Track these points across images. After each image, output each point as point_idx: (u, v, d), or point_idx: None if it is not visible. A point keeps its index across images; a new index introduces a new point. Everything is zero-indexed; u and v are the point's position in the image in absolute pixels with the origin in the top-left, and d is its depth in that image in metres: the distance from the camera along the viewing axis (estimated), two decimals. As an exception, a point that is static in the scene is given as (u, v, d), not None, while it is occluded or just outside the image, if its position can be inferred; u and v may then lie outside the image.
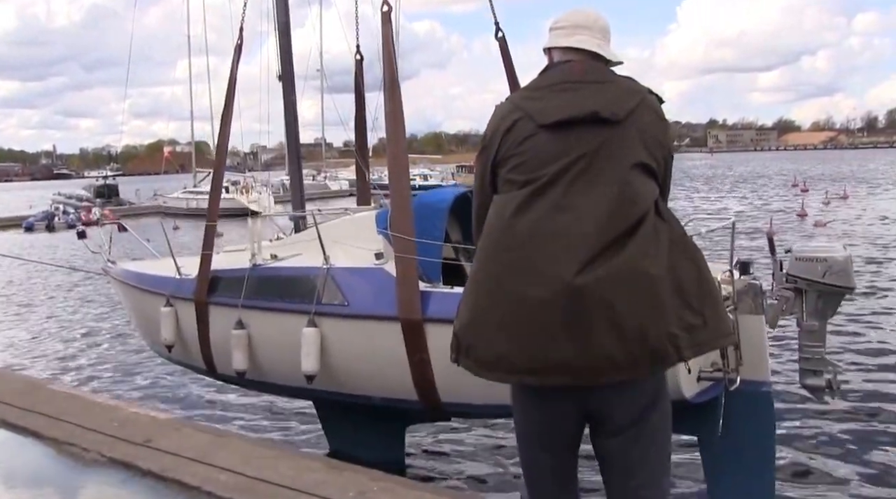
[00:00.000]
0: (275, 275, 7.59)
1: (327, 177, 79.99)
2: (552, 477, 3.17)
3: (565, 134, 2.94)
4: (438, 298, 6.40)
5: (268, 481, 5.33)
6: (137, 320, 9.83)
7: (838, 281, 5.37)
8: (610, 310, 2.75)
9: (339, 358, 6.95)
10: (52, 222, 49.72)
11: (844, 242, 6.00)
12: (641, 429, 2.98)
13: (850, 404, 7.78)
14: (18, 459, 6.17)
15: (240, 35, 8.49)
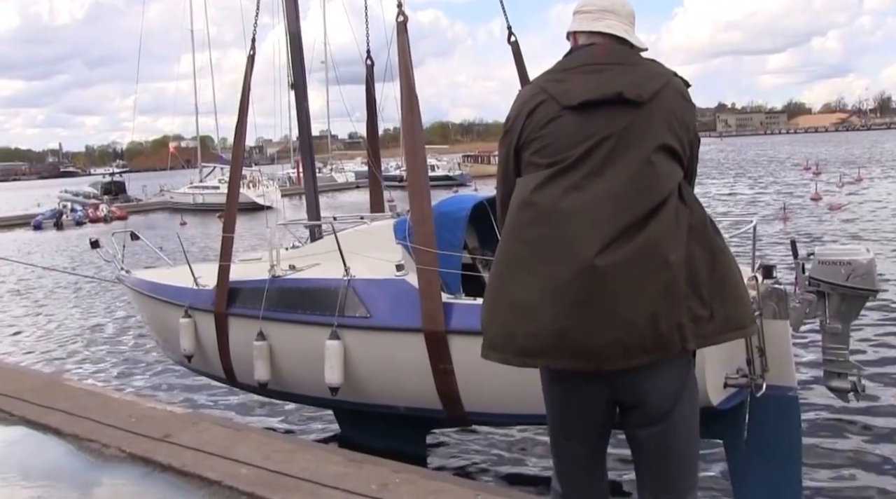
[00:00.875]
0: (295, 287, 7.57)
1: (333, 169, 79.92)
2: (580, 465, 3.15)
3: (590, 116, 2.91)
4: (461, 310, 6.41)
5: (288, 474, 5.34)
6: (155, 330, 9.82)
7: (862, 284, 5.31)
8: (625, 293, 2.74)
9: (362, 369, 6.96)
10: (60, 220, 49.70)
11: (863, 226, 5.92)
12: (676, 415, 2.96)
13: (874, 405, 7.69)
14: (40, 455, 6.19)
15: (252, 45, 8.44)
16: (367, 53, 9.60)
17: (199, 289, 8.40)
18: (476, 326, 6.03)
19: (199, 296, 8.35)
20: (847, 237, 21.71)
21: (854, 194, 34.65)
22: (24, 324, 17.50)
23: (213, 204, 53.59)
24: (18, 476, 5.77)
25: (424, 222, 6.60)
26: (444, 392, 6.47)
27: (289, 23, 9.23)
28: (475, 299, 6.49)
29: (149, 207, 62.41)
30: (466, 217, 7.03)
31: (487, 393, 6.37)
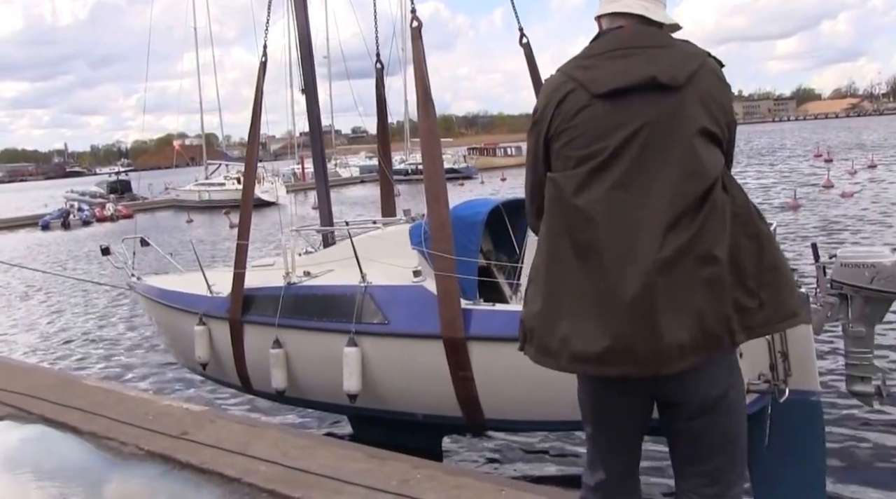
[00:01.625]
0: (311, 294, 7.52)
1: (338, 164, 79.85)
2: (618, 461, 3.10)
3: (622, 103, 2.79)
4: (480, 316, 6.38)
5: (308, 471, 5.32)
6: (168, 337, 9.81)
7: (887, 286, 5.17)
8: (677, 294, 2.65)
9: (380, 376, 6.93)
10: (67, 220, 49.73)
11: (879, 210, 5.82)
12: (722, 407, 2.88)
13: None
14: (58, 453, 6.19)
15: (264, 53, 8.40)
16: (377, 57, 9.58)
17: (213, 296, 8.38)
18: (495, 331, 6.27)
19: (213, 303, 8.33)
20: (863, 224, 21.47)
21: (872, 181, 34.10)
22: (35, 324, 17.50)
23: (220, 201, 53.69)
24: (38, 474, 5.78)
25: (443, 228, 6.55)
26: (464, 399, 6.44)
27: (299, 29, 9.21)
28: (493, 305, 6.52)
29: (155, 205, 62.39)
30: (483, 222, 7.02)
31: (508, 399, 6.35)
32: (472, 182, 59.70)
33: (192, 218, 47.37)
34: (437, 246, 6.50)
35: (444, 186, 6.74)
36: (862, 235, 19.41)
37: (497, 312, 6.40)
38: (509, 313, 6.25)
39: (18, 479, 5.77)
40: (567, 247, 2.83)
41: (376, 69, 9.63)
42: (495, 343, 6.22)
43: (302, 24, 9.17)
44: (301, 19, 9.16)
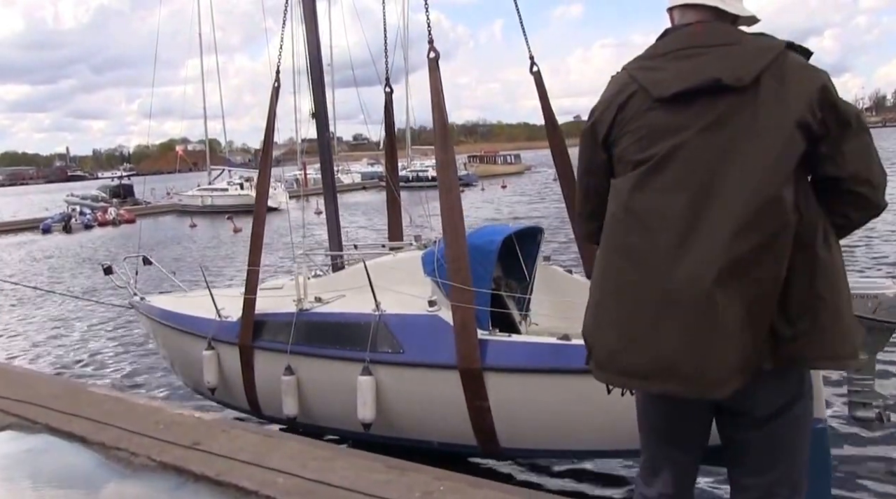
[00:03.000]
0: (324, 321, 7.50)
1: (340, 170, 79.92)
2: (677, 471, 2.94)
3: (685, 107, 2.59)
4: (496, 347, 6.40)
5: (328, 483, 5.13)
6: (175, 360, 9.73)
7: (889, 317, 5.38)
8: (726, 314, 2.48)
9: (395, 405, 6.90)
10: (68, 224, 49.59)
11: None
12: (785, 419, 2.73)
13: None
14: (66, 464, 5.97)
15: (276, 78, 8.37)
16: (387, 81, 9.55)
17: (221, 320, 8.35)
18: (511, 362, 6.30)
19: (222, 327, 8.30)
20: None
21: None
22: (34, 331, 17.30)
23: (222, 206, 53.84)
24: (44, 486, 5.57)
25: (459, 260, 6.58)
26: (480, 429, 6.48)
27: (311, 58, 9.16)
28: (509, 336, 6.58)
29: (157, 209, 62.53)
30: (497, 251, 7.05)
31: (525, 429, 6.41)
32: (472, 189, 59.88)
33: (195, 223, 47.36)
34: (454, 277, 6.54)
35: (462, 219, 6.75)
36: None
37: (513, 344, 6.46)
38: (525, 344, 6.42)
39: (22, 492, 5.56)
40: (618, 255, 2.70)
41: (385, 93, 9.62)
42: (511, 374, 6.33)
43: (313, 51, 9.14)
44: (312, 46, 9.13)
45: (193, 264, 26.75)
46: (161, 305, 9.77)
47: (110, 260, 11.30)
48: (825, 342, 2.58)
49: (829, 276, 2.57)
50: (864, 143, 2.59)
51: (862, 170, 2.58)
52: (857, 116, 2.58)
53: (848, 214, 2.62)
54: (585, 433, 6.20)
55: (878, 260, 16.27)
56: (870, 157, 2.61)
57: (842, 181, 2.57)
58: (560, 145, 8.09)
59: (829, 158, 2.56)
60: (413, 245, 8.64)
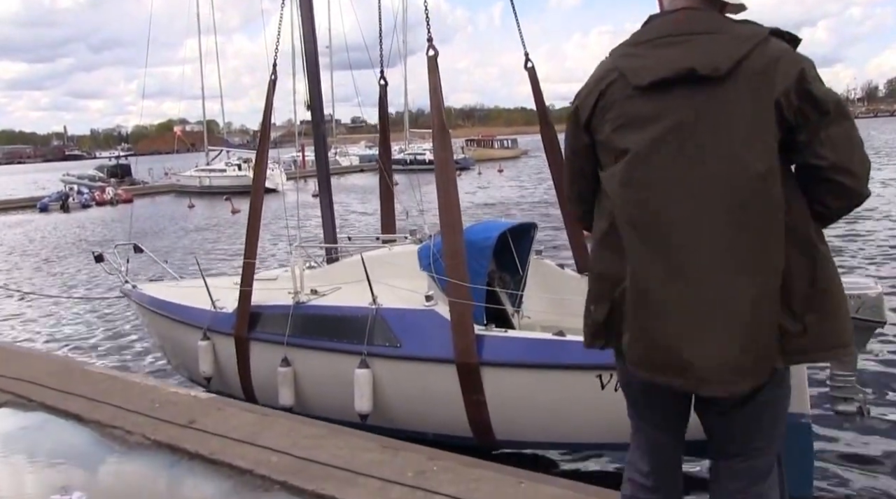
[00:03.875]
0: (321, 313, 7.58)
1: (338, 153, 79.84)
2: (663, 452, 2.97)
3: (661, 97, 2.56)
4: (492, 342, 6.51)
5: (321, 462, 5.16)
6: (169, 349, 9.78)
7: (871, 316, 5.66)
8: (715, 308, 2.48)
9: (392, 398, 6.99)
10: (66, 203, 49.52)
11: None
12: (748, 409, 2.72)
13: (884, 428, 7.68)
14: (62, 442, 6.01)
15: (273, 71, 8.38)
16: (381, 73, 9.57)
17: (217, 311, 8.42)
18: (508, 357, 6.41)
19: (217, 318, 8.36)
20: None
21: None
22: (29, 310, 17.28)
23: (220, 187, 53.79)
24: (39, 463, 5.60)
25: (457, 256, 6.68)
26: (476, 421, 6.59)
27: (307, 52, 9.17)
28: (505, 331, 6.67)
29: (155, 189, 62.48)
30: (492, 247, 7.17)
31: (520, 422, 6.51)
32: (469, 173, 59.85)
33: (193, 203, 47.29)
34: (451, 273, 6.63)
35: (459, 216, 6.85)
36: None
37: (509, 339, 6.58)
38: (521, 340, 6.59)
39: (18, 469, 5.61)
40: (605, 245, 2.73)
41: (380, 86, 9.66)
42: (507, 369, 6.45)
43: (310, 47, 9.16)
44: (309, 42, 9.15)
45: (192, 247, 26.82)
46: (154, 293, 9.81)
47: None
48: (831, 333, 2.58)
49: (827, 268, 2.57)
50: (845, 131, 2.54)
51: (842, 159, 2.52)
52: (837, 104, 2.52)
53: (827, 202, 2.57)
54: (579, 427, 6.30)
55: (866, 260, 16.24)
56: (850, 145, 2.55)
57: (821, 170, 2.53)
58: (552, 140, 8.16)
59: (807, 146, 2.52)
60: (408, 239, 8.71)
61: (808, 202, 2.58)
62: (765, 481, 2.83)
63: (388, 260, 7.84)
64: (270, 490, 4.89)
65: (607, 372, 6.00)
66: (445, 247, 6.78)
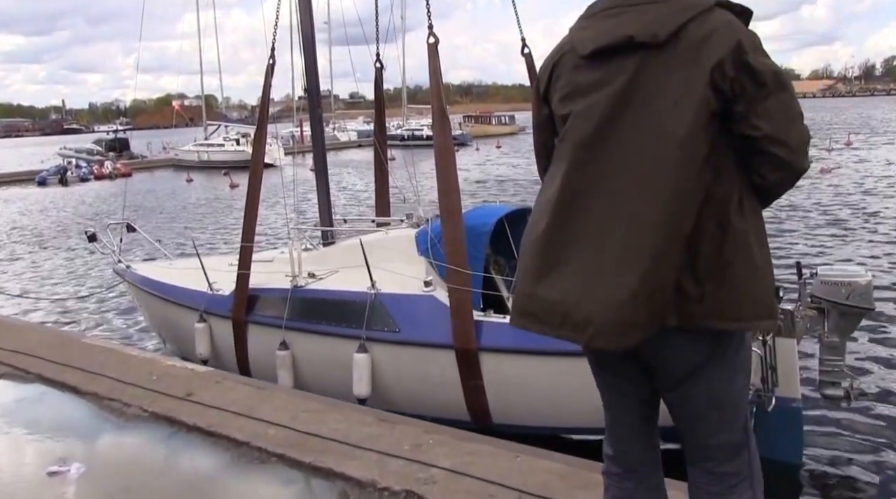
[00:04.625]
0: (320, 297, 7.64)
1: (336, 128, 79.73)
2: (629, 426, 2.94)
3: (602, 65, 2.58)
4: (490, 328, 6.62)
5: (318, 435, 5.18)
6: (165, 330, 9.84)
7: (860, 303, 6.05)
8: (619, 261, 2.47)
9: (390, 382, 7.07)
10: (64, 176, 49.46)
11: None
12: (695, 386, 2.69)
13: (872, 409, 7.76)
14: (60, 414, 6.01)
15: (271, 55, 8.41)
16: (377, 57, 9.63)
17: (213, 293, 8.48)
18: (506, 343, 6.50)
19: (214, 300, 8.43)
20: (838, 197, 22.81)
21: (843, 156, 35.88)
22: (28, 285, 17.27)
23: (218, 161, 53.77)
24: (37, 435, 5.61)
25: (457, 243, 6.77)
26: (474, 406, 6.72)
27: (302, 26, 9.13)
28: (503, 317, 6.74)
29: (154, 163, 62.43)
30: (490, 233, 7.25)
31: (517, 407, 6.62)
32: (467, 149, 59.87)
33: (191, 177, 47.27)
34: (451, 260, 6.73)
35: (459, 203, 6.94)
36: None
37: (507, 325, 6.53)
38: None
39: (16, 441, 5.61)
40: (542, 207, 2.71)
41: (376, 69, 9.73)
42: (506, 354, 6.57)
43: (307, 30, 9.13)
44: (307, 26, 9.12)
45: (191, 221, 26.82)
46: (149, 274, 9.84)
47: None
48: (730, 305, 2.54)
49: (739, 241, 2.53)
50: (782, 103, 2.50)
51: (777, 130, 2.49)
52: (775, 75, 2.49)
53: (763, 173, 2.55)
54: (576, 412, 6.36)
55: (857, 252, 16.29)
56: (787, 117, 2.52)
57: (756, 141, 2.50)
58: None
59: (744, 117, 2.49)
60: (404, 222, 8.75)
61: (748, 175, 2.57)
62: (741, 488, 2.79)
63: (385, 244, 7.87)
64: (268, 463, 4.91)
65: None
66: (445, 234, 6.86)
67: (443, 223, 6.90)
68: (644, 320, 2.48)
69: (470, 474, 4.49)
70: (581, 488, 4.23)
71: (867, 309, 6.27)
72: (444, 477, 4.49)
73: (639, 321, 2.47)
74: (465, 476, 4.47)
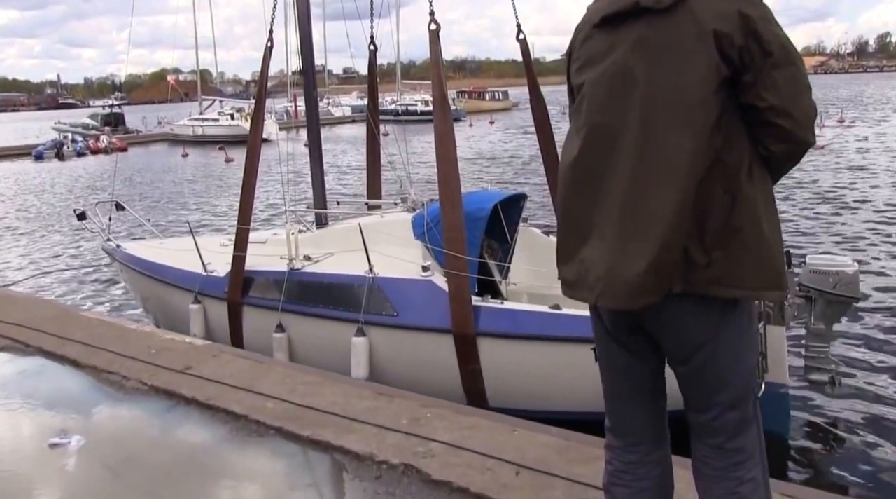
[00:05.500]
0: (317, 280, 7.68)
1: (330, 103, 79.48)
2: (629, 402, 2.92)
3: (611, 33, 2.60)
4: (489, 313, 6.70)
5: (316, 408, 5.21)
6: (157, 311, 9.80)
7: (847, 292, 6.23)
8: (633, 226, 2.50)
9: (388, 365, 7.11)
10: (61, 151, 49.26)
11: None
12: (704, 356, 2.67)
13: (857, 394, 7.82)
14: (58, 387, 6.06)
15: (269, 37, 8.36)
16: (371, 39, 9.61)
17: (208, 275, 8.48)
18: (503, 328, 6.64)
19: (208, 282, 8.43)
20: (829, 173, 23.34)
21: (836, 133, 36.31)
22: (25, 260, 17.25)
23: (213, 136, 53.66)
24: (37, 407, 5.65)
25: (456, 229, 6.82)
26: (471, 390, 6.78)
27: (300, 22, 9.11)
28: (501, 302, 6.94)
29: (149, 138, 62.29)
30: (486, 218, 7.36)
31: (514, 391, 6.68)
32: (461, 124, 59.82)
33: (187, 152, 47.16)
34: (450, 246, 6.78)
35: (459, 190, 6.98)
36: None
37: (505, 311, 6.79)
38: (517, 312, 6.79)
39: (15, 412, 5.65)
40: (563, 175, 2.75)
41: (370, 51, 9.74)
42: (503, 340, 6.66)
43: (303, 13, 9.07)
44: (302, 10, 9.07)
45: (188, 197, 26.78)
46: (140, 253, 9.81)
47: (86, 227, 11.35)
48: (737, 272, 2.53)
49: (750, 208, 2.52)
50: (790, 74, 2.50)
51: (784, 102, 2.49)
52: (783, 47, 2.49)
53: (768, 145, 2.54)
54: (572, 397, 6.42)
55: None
56: (795, 90, 2.52)
57: (762, 111, 2.50)
58: (542, 116, 8.30)
59: (752, 87, 2.49)
60: (398, 205, 8.79)
61: (755, 146, 2.56)
62: (748, 465, 2.77)
63: (381, 228, 7.89)
64: (266, 435, 4.95)
65: None
66: (445, 220, 6.90)
67: (442, 210, 6.94)
68: (651, 285, 2.49)
69: (468, 447, 4.53)
70: (580, 461, 4.26)
71: (853, 298, 6.46)
72: (442, 450, 4.52)
73: (646, 285, 2.49)
74: (463, 450, 4.50)
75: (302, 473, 4.58)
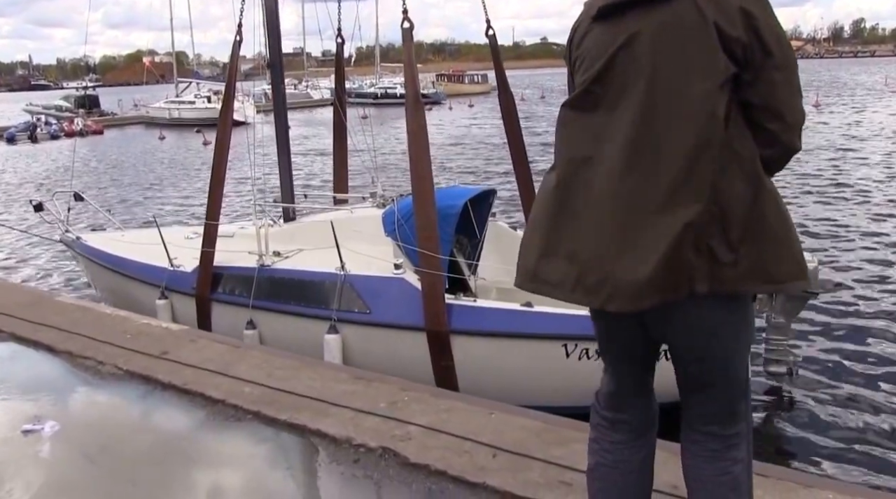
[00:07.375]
0: (288, 277, 7.70)
1: (309, 86, 79.26)
2: (625, 371, 2.90)
3: (614, 22, 2.53)
4: (461, 311, 6.82)
5: (294, 392, 5.20)
6: (120, 306, 9.61)
7: (807, 287, 6.19)
8: (640, 226, 2.43)
9: (361, 362, 7.06)
10: (34, 133, 48.89)
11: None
12: (709, 348, 2.64)
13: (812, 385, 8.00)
14: (34, 372, 6.00)
15: (238, 31, 8.37)
16: (338, 32, 9.83)
17: (175, 269, 8.47)
18: (476, 326, 6.77)
19: (175, 277, 8.42)
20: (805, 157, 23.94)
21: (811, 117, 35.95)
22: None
23: (190, 119, 53.47)
24: (10, 393, 5.58)
25: (429, 228, 6.88)
26: (444, 387, 6.72)
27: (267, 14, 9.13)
28: (474, 300, 7.06)
29: (125, 121, 61.99)
30: (458, 215, 7.39)
31: (487, 387, 6.67)
32: (440, 107, 59.77)
33: (164, 135, 46.89)
34: (423, 245, 6.85)
35: (433, 189, 7.03)
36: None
37: (478, 309, 6.92)
38: (490, 310, 6.88)
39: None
40: (561, 168, 2.68)
41: (337, 44, 10.10)
42: (476, 337, 6.78)
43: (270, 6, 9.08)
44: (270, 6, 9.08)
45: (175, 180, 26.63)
46: (102, 246, 9.72)
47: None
48: (768, 265, 2.49)
49: (771, 200, 2.50)
50: (785, 76, 2.49)
51: (780, 103, 2.49)
52: (782, 47, 2.47)
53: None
54: (544, 392, 6.51)
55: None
56: (788, 92, 2.51)
57: (753, 110, 2.48)
58: (509, 107, 8.48)
59: (748, 85, 2.46)
60: (367, 201, 8.84)
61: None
62: (742, 446, 2.77)
63: (351, 224, 7.91)
64: (243, 420, 4.93)
65: (572, 342, 6.36)
66: (418, 218, 6.94)
67: (416, 209, 6.97)
68: (661, 283, 2.43)
69: (446, 430, 4.53)
70: (557, 444, 4.27)
71: (812, 294, 6.79)
72: (419, 434, 4.52)
73: (657, 284, 2.42)
74: (440, 433, 4.51)
75: (279, 457, 4.56)
